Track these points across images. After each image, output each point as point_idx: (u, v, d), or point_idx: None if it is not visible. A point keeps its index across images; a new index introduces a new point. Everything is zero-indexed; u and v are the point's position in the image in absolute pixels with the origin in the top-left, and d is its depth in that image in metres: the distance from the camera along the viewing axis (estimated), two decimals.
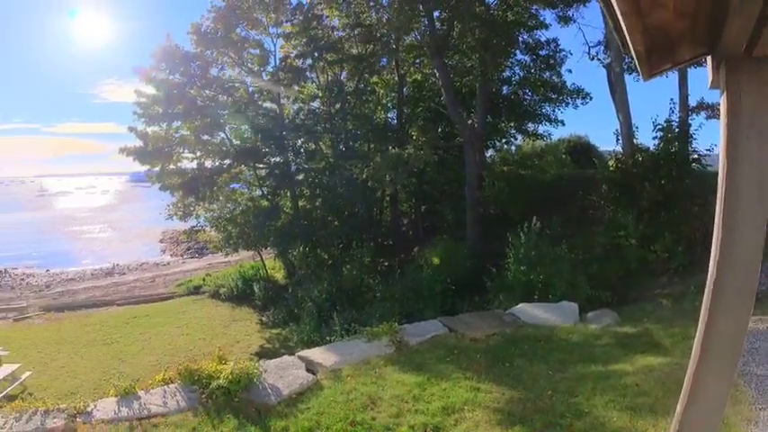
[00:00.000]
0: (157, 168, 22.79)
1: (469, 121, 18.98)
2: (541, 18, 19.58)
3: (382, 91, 23.71)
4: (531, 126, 23.27)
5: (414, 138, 19.91)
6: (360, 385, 6.57)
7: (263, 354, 15.78)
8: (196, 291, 26.37)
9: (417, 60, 22.39)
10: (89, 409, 6.12)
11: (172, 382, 6.86)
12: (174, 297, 26.11)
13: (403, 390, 6.41)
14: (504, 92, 22.45)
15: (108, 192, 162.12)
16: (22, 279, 35.92)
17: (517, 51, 20.02)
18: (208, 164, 23.48)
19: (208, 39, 21.64)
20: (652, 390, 5.95)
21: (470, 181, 17.77)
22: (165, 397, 6.41)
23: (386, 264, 19.65)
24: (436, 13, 18.74)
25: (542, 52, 20.96)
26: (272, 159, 23.81)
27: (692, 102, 18.51)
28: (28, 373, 15.36)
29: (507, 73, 21.31)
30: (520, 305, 10.39)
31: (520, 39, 19.41)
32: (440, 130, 21.41)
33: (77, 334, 20.23)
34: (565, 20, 19.48)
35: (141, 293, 27.63)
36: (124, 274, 35.76)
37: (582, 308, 10.57)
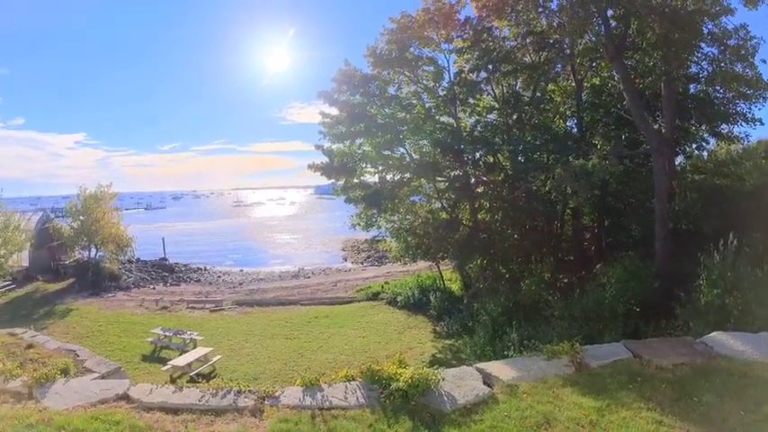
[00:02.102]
0: (341, 182, 25.68)
1: (656, 126, 17.80)
2: (725, 2, 17.63)
3: (559, 99, 23.58)
4: (724, 128, 20.79)
5: (597, 147, 19.44)
6: (536, 403, 6.60)
7: (435, 362, 16.62)
8: (374, 297, 28.70)
9: (594, 64, 21.79)
10: (276, 395, 6.92)
11: (353, 380, 7.42)
12: (354, 302, 28.69)
13: (580, 413, 6.39)
14: (692, 90, 20.23)
15: (295, 203, 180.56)
16: (219, 276, 42.60)
17: (702, 44, 18.40)
18: (389, 177, 25.56)
19: (383, 60, 23.70)
20: None
21: (659, 192, 16.55)
22: (346, 392, 6.99)
23: (565, 280, 19.35)
24: (609, 12, 17.97)
25: (730, 42, 18.70)
26: (452, 173, 24.87)
27: None
28: (218, 357, 18.67)
29: (693, 69, 19.24)
30: (713, 333, 9.58)
31: (704, 29, 17.96)
32: (623, 136, 20.38)
33: (264, 327, 23.48)
34: (752, 2, 17.48)
35: (323, 296, 30.81)
36: (308, 277, 40.27)
37: None
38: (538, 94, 23.19)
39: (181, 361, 17.36)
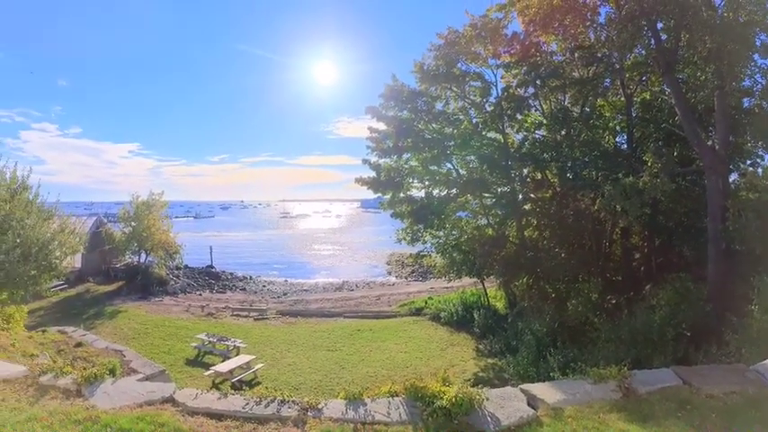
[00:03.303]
0: (388, 196, 26.22)
1: (709, 143, 17.54)
2: None
3: (609, 114, 23.36)
4: None
5: (648, 164, 19.25)
6: (581, 428, 6.58)
7: (477, 381, 16.77)
8: (417, 312, 28.96)
9: (644, 78, 21.53)
10: (320, 406, 7.03)
11: (396, 395, 7.52)
12: (397, 316, 29.00)
13: None
14: (746, 105, 19.69)
15: (341, 216, 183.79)
16: (264, 286, 43.88)
17: (756, 56, 17.90)
18: (435, 193, 25.88)
19: (430, 75, 24.12)
20: None
21: (712, 211, 16.06)
22: (389, 407, 7.07)
23: (613, 301, 19.05)
24: (659, 24, 17.68)
25: None
26: (499, 189, 24.96)
27: None
28: (261, 365, 19.32)
29: (747, 82, 18.66)
30: (765, 361, 9.41)
31: (757, 41, 17.48)
32: (675, 153, 19.65)
33: (306, 338, 24.06)
34: None
35: (366, 309, 31.29)
36: (352, 290, 40.90)
37: None
38: (587, 109, 23.09)
39: (223, 367, 18.00)
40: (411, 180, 26.43)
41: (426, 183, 26.17)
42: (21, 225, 15.39)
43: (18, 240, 15.17)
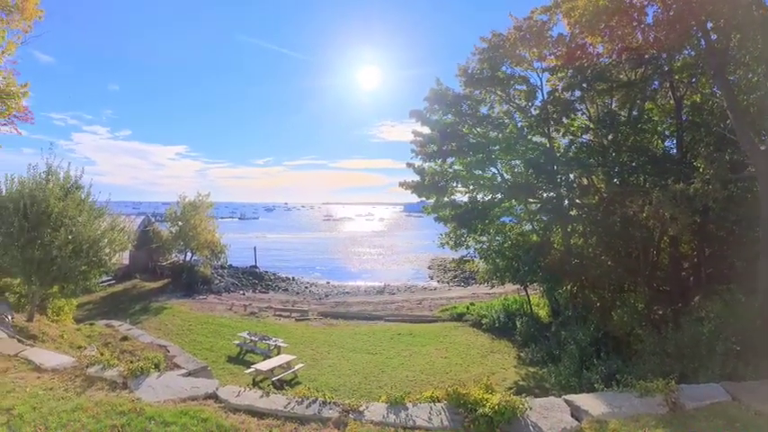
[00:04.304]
0: (432, 200, 26.39)
1: (762, 147, 17.17)
2: None
3: (657, 118, 22.88)
4: None
5: (699, 169, 18.76)
6: None
7: (518, 390, 16.76)
8: (459, 318, 29.16)
9: (694, 80, 20.89)
10: (361, 409, 7.10)
11: (438, 401, 7.53)
12: (438, 321, 29.27)
13: None
14: None
15: (384, 219, 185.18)
16: (306, 287, 44.87)
17: None
18: (479, 197, 25.96)
19: (474, 79, 24.15)
20: None
21: (764, 221, 14.90)
22: (430, 413, 7.09)
23: (659, 312, 18.68)
24: (709, 24, 16.99)
25: None
26: (544, 194, 24.71)
27: None
28: (301, 365, 19.83)
29: None
30: None
31: None
32: (726, 158, 18.86)
33: (347, 340, 24.51)
34: None
35: (407, 313, 31.64)
36: (393, 293, 41.29)
37: None
38: (634, 112, 22.68)
39: (264, 366, 18.56)
40: (455, 184, 26.52)
41: (470, 187, 26.23)
42: (73, 222, 16.24)
43: (70, 237, 15.99)
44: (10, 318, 16.74)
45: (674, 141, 22.59)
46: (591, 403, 7.74)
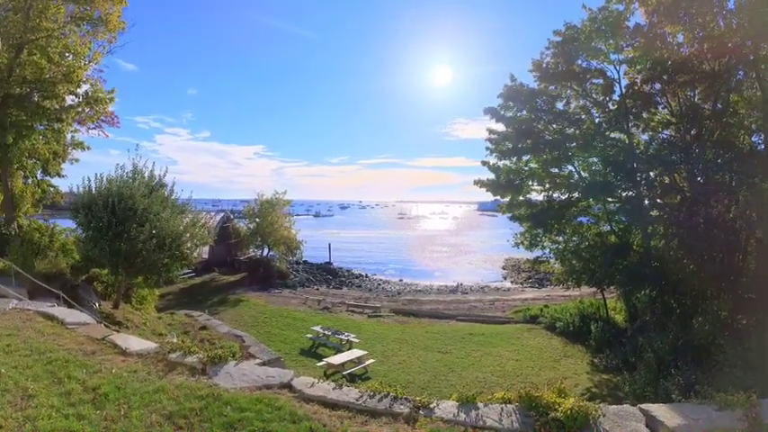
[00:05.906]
0: (507, 199, 26.23)
1: None
2: None
3: (744, 111, 21.54)
4: None
5: None
6: None
7: (591, 397, 16.48)
8: (532, 320, 28.74)
9: None
10: (431, 406, 7.07)
11: (510, 403, 7.37)
12: (510, 323, 29.00)
13: None
14: None
15: (457, 218, 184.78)
16: (379, 284, 45.75)
17: None
18: (555, 196, 25.59)
19: (549, 74, 23.86)
20: None
21: None
22: (501, 414, 6.96)
23: (743, 321, 17.71)
24: None
25: None
26: (623, 193, 23.99)
27: None
28: (371, 361, 20.25)
29: None
30: None
31: None
32: None
33: (418, 338, 24.78)
34: None
35: (480, 314, 31.54)
36: (466, 293, 41.30)
37: None
38: (719, 105, 21.52)
39: (336, 359, 19.15)
40: (530, 183, 26.18)
41: (546, 185, 25.87)
42: (157, 218, 17.43)
43: (154, 231, 17.20)
44: (98, 305, 18.24)
45: (762, 136, 21.37)
46: (667, 414, 7.32)
